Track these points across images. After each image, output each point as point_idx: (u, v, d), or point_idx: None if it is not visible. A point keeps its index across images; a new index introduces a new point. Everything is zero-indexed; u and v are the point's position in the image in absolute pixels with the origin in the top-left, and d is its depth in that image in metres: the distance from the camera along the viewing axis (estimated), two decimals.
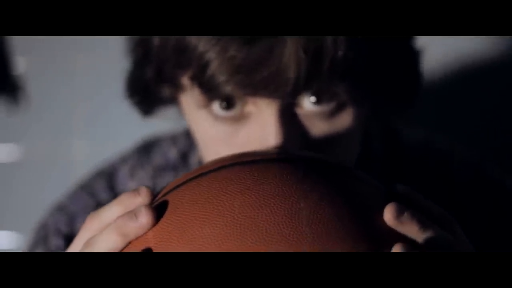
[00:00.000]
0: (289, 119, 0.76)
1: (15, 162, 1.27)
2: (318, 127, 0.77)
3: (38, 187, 1.25)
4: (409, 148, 0.93)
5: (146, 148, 0.95)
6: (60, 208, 0.92)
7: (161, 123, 0.95)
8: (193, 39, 0.74)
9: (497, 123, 1.21)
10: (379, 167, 0.91)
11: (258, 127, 0.76)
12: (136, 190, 0.67)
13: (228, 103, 0.76)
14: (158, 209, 0.65)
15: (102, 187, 0.92)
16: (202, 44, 0.74)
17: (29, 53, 1.23)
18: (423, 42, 0.83)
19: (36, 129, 1.26)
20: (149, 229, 0.65)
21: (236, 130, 0.77)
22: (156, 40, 0.78)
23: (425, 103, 1.07)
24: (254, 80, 0.73)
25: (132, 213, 0.65)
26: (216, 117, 0.77)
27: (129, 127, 1.04)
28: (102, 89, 1.22)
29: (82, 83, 1.24)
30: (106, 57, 1.18)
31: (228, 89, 0.74)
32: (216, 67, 0.73)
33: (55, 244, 0.89)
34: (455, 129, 1.20)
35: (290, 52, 0.72)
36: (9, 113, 1.24)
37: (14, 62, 1.22)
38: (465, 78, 1.20)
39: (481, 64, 1.19)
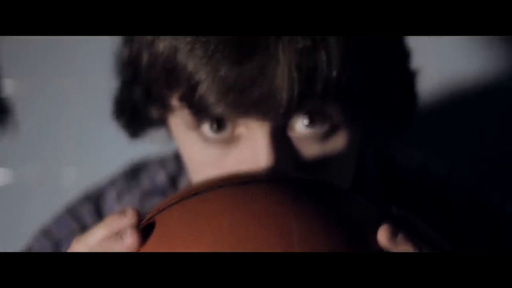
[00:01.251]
0: (281, 141, 0.73)
1: (3, 186, 1.25)
2: (310, 150, 0.75)
3: (26, 212, 1.24)
4: (406, 172, 0.91)
5: (134, 172, 0.93)
6: (45, 233, 0.90)
7: (152, 148, 0.93)
8: (182, 58, 0.72)
9: (496, 144, 1.19)
10: (374, 191, 0.89)
11: (249, 150, 0.74)
12: (122, 212, 0.65)
13: (219, 125, 0.74)
14: (145, 230, 0.63)
15: (89, 211, 0.90)
16: (191, 63, 0.72)
17: (17, 75, 1.22)
18: (418, 62, 0.81)
19: (24, 153, 1.24)
20: (135, 251, 0.63)
21: (226, 152, 0.75)
22: (144, 59, 0.76)
23: (422, 125, 1.05)
24: (246, 101, 0.71)
25: (117, 235, 0.63)
26: (206, 139, 0.75)
27: (119, 153, 1.02)
28: (92, 114, 1.20)
29: (72, 107, 1.23)
30: (96, 82, 1.17)
31: (218, 110, 0.71)
32: (206, 88, 0.71)
33: None
34: (453, 151, 1.19)
35: (283, 72, 0.70)
36: None
37: (2, 85, 1.21)
38: (462, 100, 1.19)
39: (479, 86, 1.18)
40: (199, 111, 0.72)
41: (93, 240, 0.65)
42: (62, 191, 1.22)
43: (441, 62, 1.11)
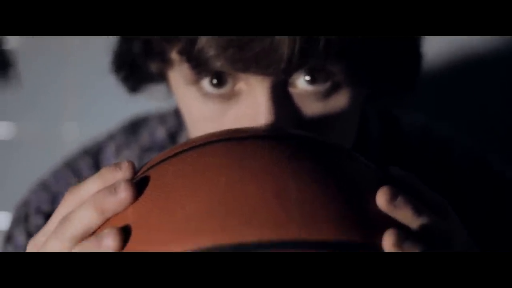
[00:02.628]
0: (281, 98, 0.72)
1: (5, 140, 1.25)
2: (311, 107, 0.73)
3: (28, 166, 1.24)
4: (409, 135, 0.90)
5: (134, 127, 0.92)
6: (43, 186, 0.90)
7: (153, 103, 0.92)
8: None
9: (499, 113, 1.19)
10: (377, 152, 0.88)
11: (249, 106, 0.72)
12: (117, 165, 0.64)
13: (218, 80, 0.73)
14: (139, 184, 0.62)
15: (87, 165, 0.90)
16: None
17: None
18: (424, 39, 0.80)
19: (26, 108, 1.24)
20: (129, 205, 0.62)
21: (225, 108, 0.74)
22: None
23: (426, 91, 1.05)
24: (246, 55, 0.69)
25: (111, 188, 0.62)
26: (206, 95, 0.74)
27: (120, 109, 1.02)
28: (93, 70, 1.20)
29: (73, 62, 1.22)
30: (98, 38, 1.17)
31: (218, 64, 0.70)
32: (206, 41, 0.70)
33: (35, 223, 0.87)
34: (457, 118, 1.18)
35: None
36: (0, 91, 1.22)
37: (4, 38, 1.20)
38: (468, 67, 1.18)
39: (485, 53, 1.17)
40: (199, 65, 0.71)
41: (86, 192, 0.64)
42: (63, 146, 1.21)
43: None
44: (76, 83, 1.23)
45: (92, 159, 0.90)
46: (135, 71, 0.80)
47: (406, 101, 0.83)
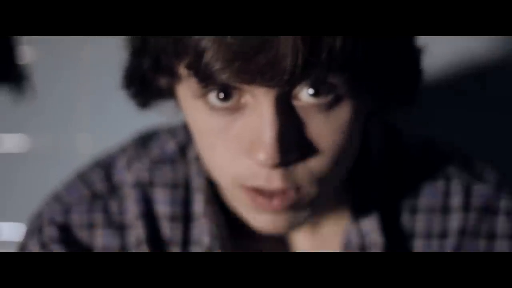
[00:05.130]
0: (285, 110, 0.74)
1: (20, 152, 1.26)
2: (315, 119, 0.76)
3: (42, 178, 1.25)
4: (410, 148, 0.91)
5: (144, 141, 0.94)
6: (56, 198, 0.92)
7: (163, 117, 0.94)
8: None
9: (500, 125, 1.19)
10: (378, 165, 0.89)
11: (254, 118, 0.75)
12: None
13: (225, 93, 0.75)
14: None
15: (99, 177, 0.91)
16: None
17: (35, 43, 1.23)
18: (425, 39, 0.81)
19: (41, 120, 1.26)
20: None
21: (232, 121, 0.76)
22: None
23: (427, 104, 1.05)
24: (251, 68, 0.71)
25: None
26: (212, 108, 0.76)
27: (134, 121, 1.03)
28: (106, 82, 1.21)
29: (87, 75, 1.23)
30: (111, 50, 1.18)
31: (224, 77, 0.72)
32: (212, 55, 0.72)
33: (49, 234, 0.88)
34: (457, 131, 1.19)
35: (288, 40, 0.71)
36: (14, 103, 1.24)
37: (20, 52, 1.22)
38: (468, 78, 1.18)
39: (484, 64, 1.18)
40: (205, 79, 0.73)
41: None
42: (77, 157, 1.22)
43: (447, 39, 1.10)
44: (89, 94, 1.24)
45: (104, 171, 0.92)
46: (145, 86, 0.82)
47: (407, 113, 0.85)
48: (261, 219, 0.79)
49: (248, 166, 0.77)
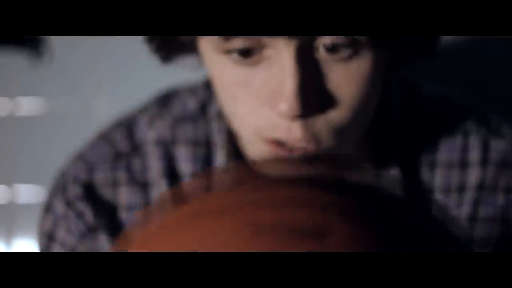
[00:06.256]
0: (307, 61, 0.76)
1: (37, 115, 1.27)
2: (335, 71, 0.77)
3: (59, 141, 1.26)
4: (429, 103, 0.92)
5: (165, 99, 0.94)
6: (80, 157, 0.93)
7: (182, 78, 0.95)
8: None
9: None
10: (397, 120, 0.90)
11: (276, 70, 0.76)
12: None
13: (247, 48, 0.76)
14: None
15: (121, 136, 0.92)
16: None
17: None
18: None
19: (58, 83, 1.26)
20: None
21: (254, 73, 0.77)
22: None
23: (447, 58, 1.06)
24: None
25: None
26: (235, 61, 0.77)
27: (151, 84, 1.04)
28: (124, 44, 1.22)
29: (105, 37, 1.24)
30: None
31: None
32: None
33: (73, 192, 0.90)
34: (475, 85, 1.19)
35: None
36: (31, 66, 1.24)
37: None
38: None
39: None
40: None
41: None
42: (94, 121, 1.23)
43: None
44: (107, 57, 1.25)
45: (126, 130, 0.92)
46: (167, 41, 0.83)
47: (426, 67, 0.85)
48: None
49: (269, 118, 0.78)
